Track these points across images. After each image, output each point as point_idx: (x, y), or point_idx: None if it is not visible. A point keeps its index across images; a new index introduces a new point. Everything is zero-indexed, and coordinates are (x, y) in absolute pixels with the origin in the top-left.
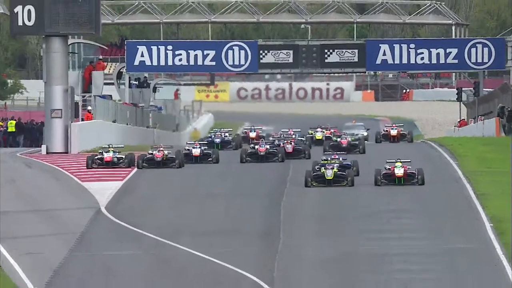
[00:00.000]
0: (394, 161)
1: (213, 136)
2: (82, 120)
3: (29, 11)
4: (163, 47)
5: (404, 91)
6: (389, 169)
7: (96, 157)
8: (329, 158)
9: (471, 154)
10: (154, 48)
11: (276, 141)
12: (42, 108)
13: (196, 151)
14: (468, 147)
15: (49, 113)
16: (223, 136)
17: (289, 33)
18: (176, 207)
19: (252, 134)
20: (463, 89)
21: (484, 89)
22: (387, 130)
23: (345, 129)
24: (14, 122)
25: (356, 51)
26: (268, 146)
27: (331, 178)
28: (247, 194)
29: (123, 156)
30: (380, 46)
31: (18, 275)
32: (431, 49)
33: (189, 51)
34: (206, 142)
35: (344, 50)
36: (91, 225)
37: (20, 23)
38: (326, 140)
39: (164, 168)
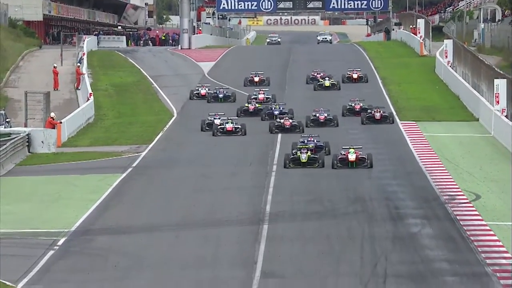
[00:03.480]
0: (348, 147)
1: (217, 92)
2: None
3: None
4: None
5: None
6: (343, 154)
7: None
8: (305, 141)
9: (372, 49)
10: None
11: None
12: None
13: (229, 126)
14: (371, 46)
15: (183, 31)
16: (224, 92)
17: None
18: None
19: (256, 79)
20: (368, 19)
21: (378, 18)
22: (349, 74)
23: (318, 36)
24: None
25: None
26: (291, 121)
27: (305, 161)
28: None
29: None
30: None
31: (166, 102)
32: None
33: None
34: (213, 94)
35: (315, 2)
36: (201, 82)
37: None
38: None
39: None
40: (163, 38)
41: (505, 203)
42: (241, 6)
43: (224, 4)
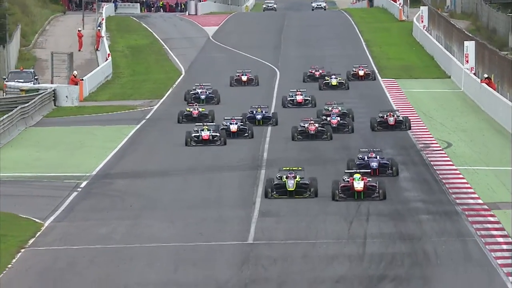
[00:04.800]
0: (354, 171)
1: (199, 92)
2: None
3: None
4: None
5: None
6: (347, 181)
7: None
8: (365, 157)
9: (357, 15)
10: None
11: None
12: None
13: (233, 127)
14: (356, 12)
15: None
16: (206, 92)
17: None
18: None
19: (244, 78)
20: None
21: None
22: (355, 71)
23: (312, 2)
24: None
25: None
26: (317, 125)
27: (293, 189)
28: None
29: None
30: None
31: (175, 61)
32: None
33: None
34: (193, 95)
35: None
36: (206, 44)
37: None
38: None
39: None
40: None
41: (473, 150)
42: None
43: None
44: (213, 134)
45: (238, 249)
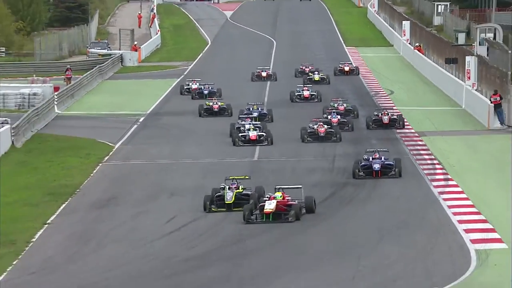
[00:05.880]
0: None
1: (202, 87)
2: None
3: None
4: None
5: None
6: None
7: None
8: (370, 158)
9: (328, 2)
10: None
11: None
12: None
13: (252, 135)
14: (328, 1)
15: None
16: (210, 88)
17: None
18: None
19: (264, 74)
20: None
21: None
22: (341, 67)
23: None
24: None
25: None
26: (326, 127)
27: (231, 202)
28: None
29: None
30: None
31: (204, 35)
32: None
33: None
34: (198, 90)
35: None
36: (225, 23)
37: None
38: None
39: None
40: None
41: (408, 96)
42: None
43: None
44: (259, 134)
45: (247, 164)
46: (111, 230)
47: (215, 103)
